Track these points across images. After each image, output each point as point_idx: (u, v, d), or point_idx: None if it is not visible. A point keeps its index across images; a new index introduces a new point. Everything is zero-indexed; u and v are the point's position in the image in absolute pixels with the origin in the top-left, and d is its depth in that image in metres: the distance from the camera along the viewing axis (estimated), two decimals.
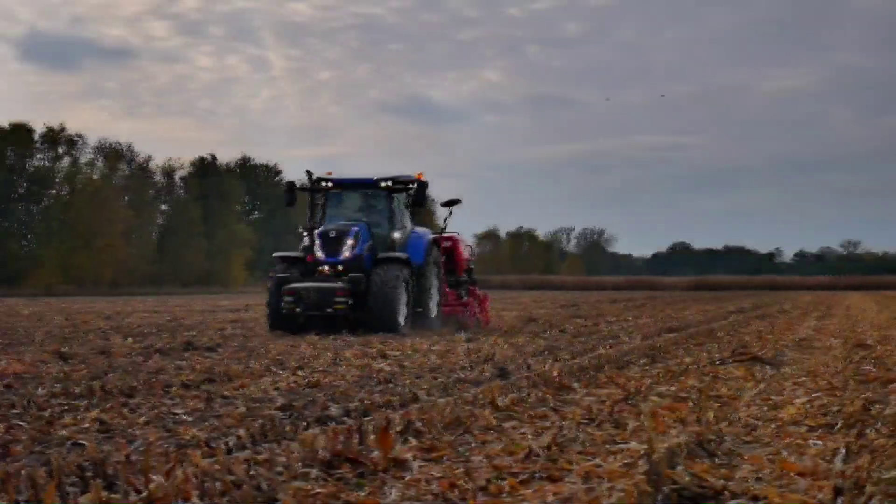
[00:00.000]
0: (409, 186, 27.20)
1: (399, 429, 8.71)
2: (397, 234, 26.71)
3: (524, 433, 9.03)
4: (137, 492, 6.22)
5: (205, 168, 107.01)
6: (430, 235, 27.76)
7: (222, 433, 9.09)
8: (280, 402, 11.23)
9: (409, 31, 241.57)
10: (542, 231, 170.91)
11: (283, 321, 25.02)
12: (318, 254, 25.77)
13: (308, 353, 17.77)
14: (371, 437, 7.91)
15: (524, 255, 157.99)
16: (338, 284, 24.87)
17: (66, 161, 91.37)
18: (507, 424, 9.50)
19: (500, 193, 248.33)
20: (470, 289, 30.07)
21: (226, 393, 12.11)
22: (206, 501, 6.14)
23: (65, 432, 9.15)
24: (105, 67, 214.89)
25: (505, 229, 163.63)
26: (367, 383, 13.26)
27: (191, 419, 10.07)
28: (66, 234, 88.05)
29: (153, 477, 6.17)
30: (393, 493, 6.65)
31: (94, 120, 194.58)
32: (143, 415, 10.28)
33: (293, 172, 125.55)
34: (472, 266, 30.65)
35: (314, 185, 27.07)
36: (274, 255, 27.59)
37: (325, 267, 25.54)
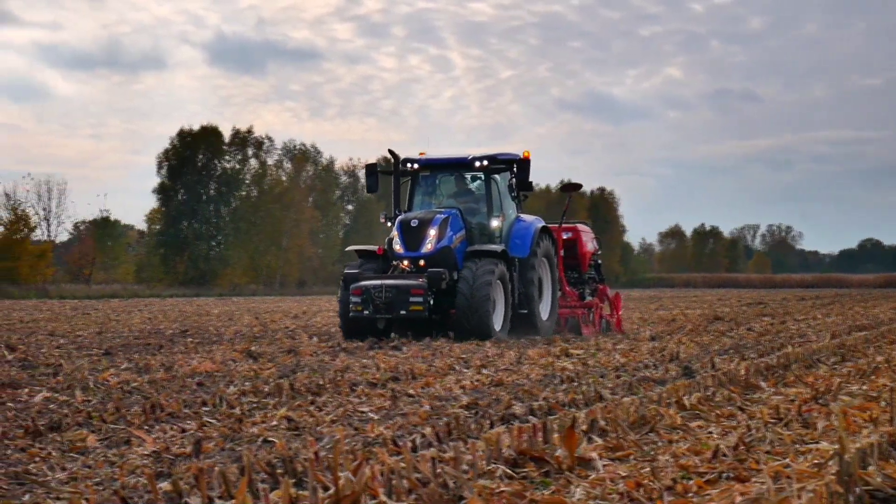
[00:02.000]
0: (511, 166, 23.38)
1: (584, 427, 8.67)
2: (495, 223, 22.99)
3: (711, 432, 8.91)
4: (326, 489, 6.29)
5: (389, 168, 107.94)
6: (540, 223, 23.65)
7: (408, 431, 9.17)
8: (465, 400, 11.29)
9: (589, 29, 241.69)
10: (727, 229, 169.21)
11: (356, 326, 21.71)
12: (398, 247, 22.36)
13: (492, 352, 17.82)
14: (556, 435, 7.88)
15: (709, 253, 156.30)
16: (414, 282, 21.26)
17: (253, 162, 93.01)
18: (693, 424, 9.39)
19: (682, 191, 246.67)
20: (598, 288, 26.65)
21: (411, 391, 12.21)
22: (392, 499, 6.20)
23: (255, 430, 9.33)
24: (290, 69, 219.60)
25: (689, 227, 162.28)
26: (552, 382, 13.24)
27: (377, 417, 10.18)
28: (255, 235, 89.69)
29: (341, 474, 6.24)
30: (578, 492, 6.62)
31: (279, 121, 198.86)
32: (330, 413, 10.42)
33: None
34: (598, 261, 27.28)
35: (398, 168, 24.04)
36: (349, 248, 25.18)
37: (405, 262, 22.29)
